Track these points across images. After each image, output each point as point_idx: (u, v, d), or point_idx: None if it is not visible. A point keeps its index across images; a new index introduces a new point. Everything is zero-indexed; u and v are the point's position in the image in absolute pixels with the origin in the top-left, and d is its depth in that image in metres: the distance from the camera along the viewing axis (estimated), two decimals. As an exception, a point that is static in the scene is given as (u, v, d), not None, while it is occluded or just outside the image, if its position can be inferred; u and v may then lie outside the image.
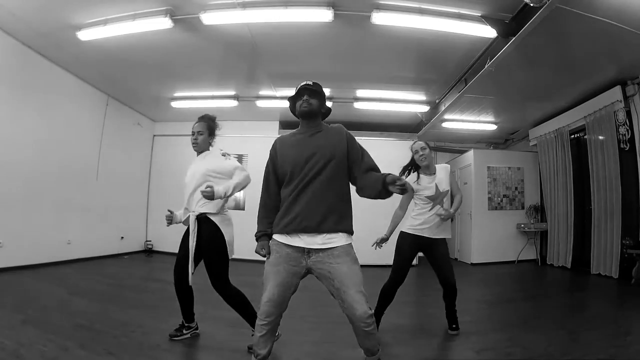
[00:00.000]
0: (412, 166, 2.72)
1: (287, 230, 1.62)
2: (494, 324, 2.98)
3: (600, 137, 5.20)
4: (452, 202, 2.75)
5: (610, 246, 4.95)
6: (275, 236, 1.68)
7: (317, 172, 1.63)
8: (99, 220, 5.85)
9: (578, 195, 5.87)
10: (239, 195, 7.04)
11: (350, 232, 1.68)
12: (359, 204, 1.85)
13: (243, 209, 6.96)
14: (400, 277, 2.62)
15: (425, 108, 6.16)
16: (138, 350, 2.13)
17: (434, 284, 2.89)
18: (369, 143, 2.12)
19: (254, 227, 1.75)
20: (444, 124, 6.84)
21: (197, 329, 2.51)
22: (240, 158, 7.13)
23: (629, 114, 4.76)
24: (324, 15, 3.57)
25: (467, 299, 3.24)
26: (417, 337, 2.61)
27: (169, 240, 6.92)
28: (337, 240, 1.62)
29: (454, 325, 2.68)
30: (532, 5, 3.04)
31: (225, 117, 6.84)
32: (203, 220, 2.30)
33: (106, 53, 4.52)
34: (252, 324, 2.15)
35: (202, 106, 6.35)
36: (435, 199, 2.61)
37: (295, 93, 1.74)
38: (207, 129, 2.45)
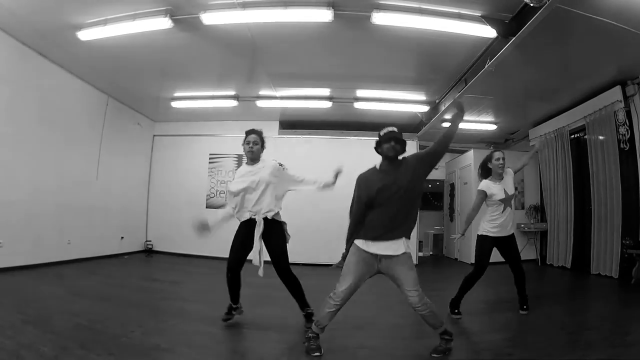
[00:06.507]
0: (483, 171, 3.27)
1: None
2: (494, 324, 2.98)
3: (600, 137, 5.20)
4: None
5: (610, 246, 4.95)
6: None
7: None
8: (99, 220, 5.85)
9: (578, 195, 5.87)
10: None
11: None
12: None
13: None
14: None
15: (425, 108, 6.16)
16: (138, 350, 2.13)
17: (434, 285, 2.89)
18: (369, 143, 2.14)
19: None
20: (444, 124, 6.83)
21: (241, 307, 2.81)
22: (240, 158, 7.14)
23: (629, 114, 4.76)
24: (324, 15, 3.56)
25: (467, 299, 3.23)
26: (417, 337, 2.61)
27: (169, 240, 6.94)
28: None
29: (524, 306, 3.18)
30: (532, 5, 3.04)
31: (225, 117, 6.95)
32: (270, 222, 2.62)
33: (106, 53, 4.51)
34: (303, 304, 2.70)
35: (202, 106, 6.36)
36: (506, 201, 3.13)
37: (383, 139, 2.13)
38: (260, 140, 2.77)
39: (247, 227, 2.64)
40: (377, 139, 2.19)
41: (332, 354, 2.23)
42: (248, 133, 2.79)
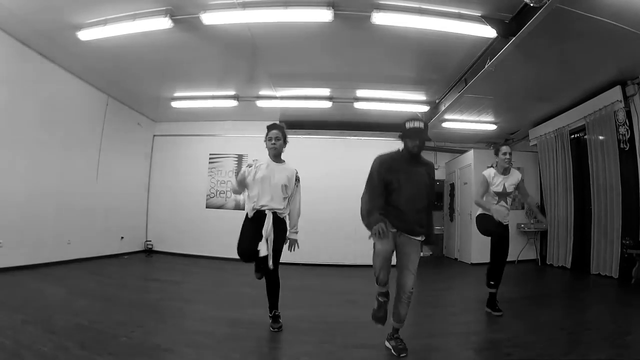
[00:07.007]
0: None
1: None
2: (494, 324, 2.98)
3: (600, 137, 5.20)
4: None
5: (610, 246, 4.95)
6: None
7: None
8: (99, 220, 5.85)
9: (578, 195, 5.87)
10: (240, 196, 7.03)
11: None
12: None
13: (243, 209, 6.95)
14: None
15: (425, 108, 6.16)
16: (138, 350, 2.13)
17: (433, 285, 2.89)
18: (369, 143, 2.15)
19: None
20: (444, 124, 6.83)
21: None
22: (240, 158, 7.14)
23: (629, 114, 4.76)
24: (324, 15, 3.56)
25: (467, 299, 3.24)
26: (416, 337, 2.61)
27: (169, 240, 6.94)
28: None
29: (496, 307, 3.09)
30: (532, 5, 3.04)
31: (225, 117, 6.96)
32: (277, 218, 2.63)
33: (106, 53, 4.51)
34: (274, 306, 2.65)
35: (202, 106, 6.36)
36: (501, 195, 3.23)
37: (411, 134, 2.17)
38: (282, 135, 2.72)
39: (256, 220, 2.62)
40: (403, 130, 2.19)
41: (332, 354, 2.23)
42: (270, 128, 2.73)
